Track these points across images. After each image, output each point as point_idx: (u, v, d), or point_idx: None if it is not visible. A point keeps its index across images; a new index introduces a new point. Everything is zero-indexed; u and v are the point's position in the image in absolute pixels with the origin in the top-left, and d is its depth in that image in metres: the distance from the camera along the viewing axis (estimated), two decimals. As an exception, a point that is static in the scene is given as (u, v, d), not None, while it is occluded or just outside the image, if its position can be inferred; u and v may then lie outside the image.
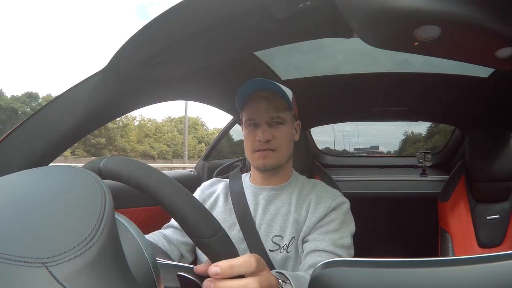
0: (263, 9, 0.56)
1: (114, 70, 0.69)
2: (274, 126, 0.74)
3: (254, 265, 0.37)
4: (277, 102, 0.74)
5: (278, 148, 0.74)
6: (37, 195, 0.28)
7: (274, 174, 0.78)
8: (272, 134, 0.74)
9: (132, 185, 0.37)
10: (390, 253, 1.60)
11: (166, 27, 0.60)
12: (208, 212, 0.37)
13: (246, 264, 0.37)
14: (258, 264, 0.38)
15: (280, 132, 0.74)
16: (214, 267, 0.35)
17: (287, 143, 0.75)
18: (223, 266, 0.35)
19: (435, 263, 0.25)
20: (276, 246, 0.72)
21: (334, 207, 0.72)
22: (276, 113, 0.74)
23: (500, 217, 1.22)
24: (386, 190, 1.70)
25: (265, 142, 0.73)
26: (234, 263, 0.36)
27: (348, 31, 0.62)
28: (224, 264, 0.35)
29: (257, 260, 0.38)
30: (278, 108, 0.74)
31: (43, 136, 0.64)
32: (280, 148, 0.74)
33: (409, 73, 1.19)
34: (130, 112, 0.82)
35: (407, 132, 2.56)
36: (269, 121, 0.74)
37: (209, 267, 0.36)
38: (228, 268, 0.35)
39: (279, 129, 0.74)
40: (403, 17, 0.40)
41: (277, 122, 0.74)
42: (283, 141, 0.74)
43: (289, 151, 0.77)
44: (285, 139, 0.75)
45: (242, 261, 0.36)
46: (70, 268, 0.22)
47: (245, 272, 0.37)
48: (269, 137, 0.73)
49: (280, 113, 0.74)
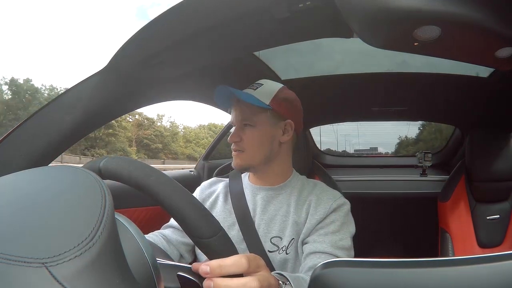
0: (263, 9, 0.56)
1: (114, 70, 0.69)
2: (243, 128, 0.76)
3: (245, 265, 0.37)
4: (246, 106, 0.76)
5: (245, 150, 0.75)
6: (37, 195, 0.28)
7: (261, 174, 0.79)
8: (241, 136, 0.76)
9: (132, 185, 0.37)
10: (390, 253, 1.60)
11: (166, 27, 0.60)
12: (208, 212, 0.37)
13: (236, 264, 0.37)
14: (250, 264, 0.38)
15: (248, 134, 0.76)
16: (205, 266, 0.36)
17: (255, 144, 0.75)
18: (212, 265, 0.36)
19: (435, 263, 0.25)
20: (275, 247, 0.72)
21: (335, 209, 0.72)
22: (243, 116, 0.76)
23: (500, 217, 1.22)
24: (386, 190, 1.70)
25: (234, 143, 0.76)
26: (224, 262, 0.36)
27: (348, 31, 0.62)
28: (214, 263, 0.36)
29: (250, 260, 0.38)
30: (246, 112, 0.76)
31: (43, 136, 0.64)
32: (247, 149, 0.75)
33: (409, 73, 1.19)
34: (130, 112, 0.82)
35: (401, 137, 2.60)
36: (239, 124, 0.77)
37: (200, 266, 0.36)
38: (217, 267, 0.36)
39: (248, 131, 0.76)
40: (403, 17, 0.40)
41: (247, 124, 0.76)
42: (250, 143, 0.75)
43: (261, 152, 0.76)
44: (253, 141, 0.75)
45: (233, 260, 0.37)
46: (70, 268, 0.22)
47: (235, 271, 0.37)
48: (236, 138, 0.76)
49: (249, 116, 0.75)
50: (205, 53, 0.73)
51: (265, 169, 0.78)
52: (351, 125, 2.20)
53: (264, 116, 0.76)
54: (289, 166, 0.82)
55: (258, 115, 0.75)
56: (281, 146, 0.78)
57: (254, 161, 0.76)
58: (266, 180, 0.79)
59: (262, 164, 0.77)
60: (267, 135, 0.76)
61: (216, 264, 0.36)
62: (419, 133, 2.82)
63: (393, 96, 1.40)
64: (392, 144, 2.58)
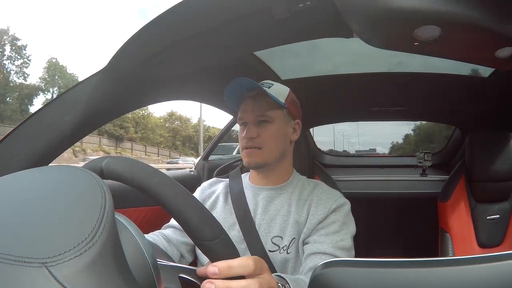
0: (263, 9, 0.56)
1: (114, 70, 0.69)
2: (260, 124, 0.75)
3: (252, 267, 0.37)
4: (264, 101, 0.75)
5: (263, 146, 0.74)
6: (37, 195, 0.28)
7: (269, 173, 0.79)
8: (258, 132, 0.75)
9: (134, 186, 0.37)
10: (390, 253, 1.60)
11: (166, 27, 0.60)
12: (211, 215, 0.38)
13: (244, 265, 0.37)
14: (256, 266, 0.38)
15: (266, 130, 0.75)
16: (212, 267, 0.36)
17: (273, 141, 0.75)
18: (221, 266, 0.36)
19: (435, 263, 0.25)
20: (275, 246, 0.72)
21: (335, 209, 0.72)
22: (262, 112, 0.75)
23: (500, 217, 1.22)
24: (386, 190, 1.69)
25: (250, 139, 0.75)
26: (233, 264, 0.36)
27: (348, 31, 0.62)
28: (222, 265, 0.36)
29: (256, 262, 0.38)
30: (264, 107, 0.75)
31: (43, 136, 0.64)
32: (265, 146, 0.74)
33: (409, 73, 1.19)
34: (130, 112, 0.82)
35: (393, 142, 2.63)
36: (255, 119, 0.75)
37: (208, 267, 0.36)
38: (226, 268, 0.36)
39: (265, 127, 0.75)
40: (403, 17, 0.40)
41: (264, 120, 0.75)
42: (269, 139, 0.75)
43: (278, 149, 0.76)
44: (271, 137, 0.75)
45: (241, 262, 0.37)
46: (70, 268, 0.22)
47: (243, 273, 0.37)
48: (253, 134, 0.74)
49: (266, 112, 0.75)
50: (205, 53, 0.73)
51: (275, 167, 0.78)
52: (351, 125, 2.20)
53: (281, 113, 0.77)
54: (291, 165, 0.83)
55: (276, 112, 0.76)
56: (291, 144, 0.80)
57: (271, 157, 0.76)
58: (269, 180, 0.79)
59: (276, 161, 0.77)
60: (283, 132, 0.77)
61: (225, 265, 0.36)
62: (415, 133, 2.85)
63: (393, 96, 1.40)
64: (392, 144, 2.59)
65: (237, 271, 0.36)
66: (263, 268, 0.41)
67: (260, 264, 0.40)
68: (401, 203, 1.63)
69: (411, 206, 1.62)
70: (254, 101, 0.76)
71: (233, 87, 0.76)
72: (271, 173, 0.79)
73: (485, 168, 1.23)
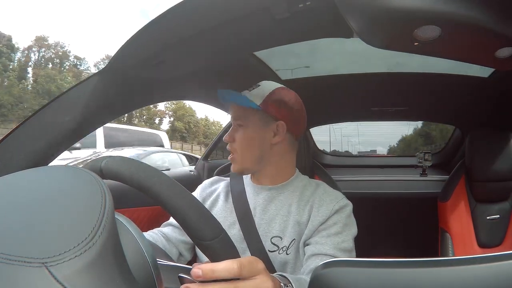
0: (263, 9, 0.56)
1: (114, 70, 0.69)
2: (237, 129, 0.77)
3: (235, 271, 0.37)
4: (237, 107, 0.77)
5: (237, 151, 0.76)
6: (37, 195, 0.28)
7: (260, 174, 0.79)
8: (233, 136, 0.77)
9: (134, 186, 0.37)
10: (390, 253, 1.60)
11: (166, 27, 0.60)
12: (210, 214, 0.37)
13: (227, 269, 0.37)
14: (242, 270, 0.37)
15: (239, 134, 0.76)
16: (197, 269, 0.36)
17: (245, 146, 0.76)
18: (205, 269, 0.36)
19: (435, 263, 0.25)
20: (275, 247, 0.72)
21: (337, 210, 0.72)
22: (235, 114, 0.78)
23: (500, 217, 1.22)
24: (386, 190, 1.69)
25: (228, 144, 0.78)
26: (216, 267, 0.36)
27: (348, 31, 0.62)
28: (206, 267, 0.36)
29: (242, 265, 0.38)
30: (238, 112, 0.77)
31: (43, 136, 0.64)
32: (238, 150, 0.76)
33: (409, 73, 1.19)
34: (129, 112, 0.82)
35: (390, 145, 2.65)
36: (234, 125, 0.78)
37: (193, 269, 0.36)
38: (209, 271, 0.36)
39: (239, 131, 0.77)
40: (403, 17, 0.40)
41: (240, 125, 0.77)
42: (241, 143, 0.76)
43: (252, 154, 0.75)
44: (243, 141, 0.76)
45: (225, 265, 0.37)
46: (70, 268, 0.22)
47: (227, 276, 0.37)
48: (229, 139, 0.77)
49: (240, 115, 0.77)
50: (205, 53, 0.73)
51: (260, 171, 0.78)
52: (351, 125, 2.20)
53: (255, 117, 0.76)
54: (288, 166, 0.81)
55: (249, 116, 0.76)
56: (272, 147, 0.76)
57: (246, 163, 0.76)
58: (266, 180, 0.79)
59: (255, 165, 0.77)
60: (258, 136, 0.75)
61: (209, 269, 0.36)
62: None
63: (393, 96, 1.40)
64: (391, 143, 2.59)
65: (220, 274, 0.36)
66: (257, 269, 0.40)
67: (251, 267, 0.39)
68: (401, 203, 1.63)
69: (411, 206, 1.62)
70: (233, 107, 0.78)
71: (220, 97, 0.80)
72: (261, 175, 0.79)
73: (485, 168, 1.23)
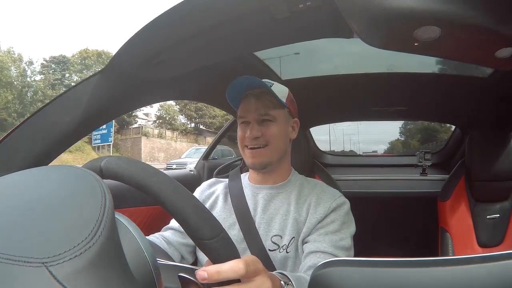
0: (263, 9, 0.56)
1: (114, 70, 0.69)
2: (263, 123, 0.75)
3: (242, 270, 0.36)
4: (267, 100, 0.75)
5: (267, 145, 0.75)
6: (37, 195, 0.28)
7: (269, 172, 0.79)
8: (261, 131, 0.74)
9: (134, 185, 0.37)
10: (390, 253, 1.60)
11: (166, 27, 0.60)
12: (210, 213, 0.37)
13: (233, 269, 0.36)
14: (248, 269, 0.37)
15: (269, 130, 0.75)
16: (202, 272, 0.35)
17: (276, 140, 0.75)
18: (210, 271, 0.35)
19: (435, 263, 0.25)
20: (275, 246, 0.72)
21: (334, 208, 0.72)
22: (265, 111, 0.74)
23: (500, 217, 1.22)
24: (386, 189, 1.69)
25: (254, 139, 0.74)
26: (222, 268, 0.35)
27: (348, 31, 0.62)
28: (211, 269, 0.35)
29: (247, 265, 0.37)
30: (268, 105, 0.75)
31: (43, 136, 0.64)
32: (269, 145, 0.75)
33: (409, 73, 1.19)
34: (129, 111, 0.82)
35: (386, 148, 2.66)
36: (258, 118, 0.75)
37: (197, 271, 0.35)
38: (215, 273, 0.35)
39: (268, 126, 0.75)
40: (403, 17, 0.40)
41: (267, 119, 0.75)
42: (272, 138, 0.75)
43: (280, 148, 0.77)
44: (274, 136, 0.75)
45: (230, 266, 0.36)
46: (70, 268, 0.22)
47: (234, 277, 0.36)
48: (258, 134, 0.74)
49: (270, 111, 0.75)
50: (205, 53, 0.73)
51: (277, 167, 0.78)
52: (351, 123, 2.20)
53: (282, 112, 0.77)
54: (289, 164, 0.83)
55: (278, 111, 0.76)
56: (290, 143, 0.81)
57: (274, 156, 0.76)
58: (269, 179, 0.79)
59: (278, 160, 0.77)
60: (285, 131, 0.77)
61: (215, 270, 0.35)
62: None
63: (393, 96, 1.40)
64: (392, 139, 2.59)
65: (227, 275, 0.35)
66: (258, 269, 0.40)
67: (255, 266, 0.39)
68: (401, 203, 1.63)
69: (411, 206, 1.62)
70: (258, 100, 0.75)
71: (237, 84, 0.75)
72: (273, 172, 0.79)
73: (485, 168, 1.23)
